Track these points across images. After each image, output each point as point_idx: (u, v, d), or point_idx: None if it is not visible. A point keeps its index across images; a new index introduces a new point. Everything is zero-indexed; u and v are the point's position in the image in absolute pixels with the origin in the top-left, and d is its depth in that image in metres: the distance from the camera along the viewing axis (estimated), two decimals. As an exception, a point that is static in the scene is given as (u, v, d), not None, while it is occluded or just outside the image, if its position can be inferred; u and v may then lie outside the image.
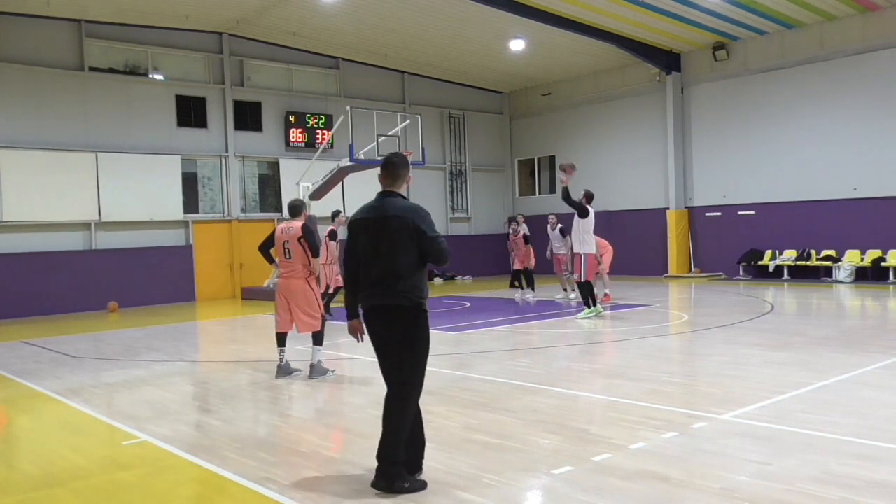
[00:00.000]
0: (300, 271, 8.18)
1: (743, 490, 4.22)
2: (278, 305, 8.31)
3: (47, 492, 4.79)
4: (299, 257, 8.14)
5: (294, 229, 8.12)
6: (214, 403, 7.49)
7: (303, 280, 8.19)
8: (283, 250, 8.20)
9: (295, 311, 8.20)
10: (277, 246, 8.27)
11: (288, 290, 8.20)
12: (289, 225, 8.21)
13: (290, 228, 8.15)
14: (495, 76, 25.26)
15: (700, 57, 21.60)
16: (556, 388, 7.18)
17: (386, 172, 4.69)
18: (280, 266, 8.31)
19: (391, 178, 4.69)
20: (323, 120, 22.28)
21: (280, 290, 8.28)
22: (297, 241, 8.09)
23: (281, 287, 8.27)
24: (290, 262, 8.18)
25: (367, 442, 5.56)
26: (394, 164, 4.70)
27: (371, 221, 4.54)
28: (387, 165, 4.70)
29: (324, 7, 18.65)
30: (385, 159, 4.77)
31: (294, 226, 8.16)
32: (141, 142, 19.30)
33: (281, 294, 8.27)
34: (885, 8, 17.80)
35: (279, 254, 8.29)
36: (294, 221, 8.23)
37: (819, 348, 8.78)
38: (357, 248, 4.60)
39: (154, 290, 19.17)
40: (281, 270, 8.30)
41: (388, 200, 4.60)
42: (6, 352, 11.45)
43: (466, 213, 26.22)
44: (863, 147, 18.40)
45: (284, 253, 8.19)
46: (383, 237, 4.47)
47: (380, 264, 4.48)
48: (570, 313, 13.36)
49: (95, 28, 18.72)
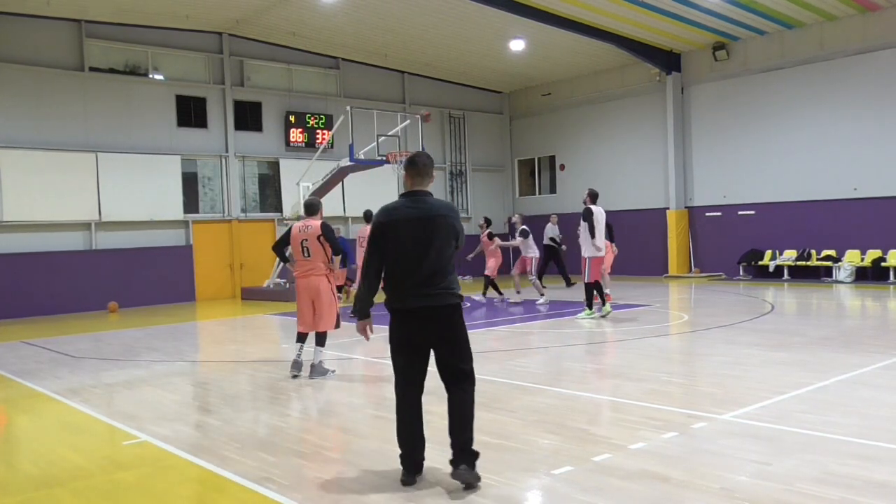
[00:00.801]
0: (321, 269, 8.15)
1: (743, 490, 4.22)
2: (302, 305, 8.22)
3: (47, 492, 4.79)
4: (319, 255, 8.12)
5: (313, 228, 8.10)
6: (214, 403, 7.49)
7: (325, 278, 8.17)
8: (302, 249, 8.14)
9: (319, 310, 8.15)
10: (295, 245, 8.19)
11: (311, 289, 8.14)
12: (306, 224, 8.16)
13: (309, 227, 8.12)
14: (495, 76, 25.25)
15: (700, 57, 21.60)
16: (556, 388, 7.18)
17: (415, 171, 4.71)
18: (299, 265, 8.22)
19: (421, 178, 4.71)
20: (323, 120, 22.29)
21: (301, 289, 8.20)
22: (317, 240, 8.07)
23: (302, 286, 8.19)
24: (310, 260, 8.13)
25: (367, 442, 5.56)
26: (423, 164, 4.73)
27: (416, 221, 4.52)
28: (415, 165, 4.72)
29: (324, 7, 18.65)
30: (409, 160, 4.78)
31: (313, 224, 8.13)
32: (141, 142, 19.30)
33: (304, 293, 8.18)
34: (886, 8, 17.80)
35: (297, 252, 8.19)
36: (311, 220, 8.19)
37: (819, 348, 8.78)
38: (388, 248, 4.55)
39: (154, 291, 19.16)
40: (300, 269, 8.22)
41: (428, 199, 4.64)
42: (6, 352, 11.45)
43: (466, 214, 26.21)
44: (863, 147, 18.40)
45: (303, 251, 8.14)
46: (433, 236, 4.50)
47: (429, 263, 4.48)
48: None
49: (95, 28, 18.72)
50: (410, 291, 4.50)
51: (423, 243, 4.49)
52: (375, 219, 4.67)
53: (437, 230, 4.51)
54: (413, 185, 4.71)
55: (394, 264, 4.55)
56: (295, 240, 8.19)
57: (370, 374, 8.67)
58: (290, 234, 8.30)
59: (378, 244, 4.59)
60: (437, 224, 4.52)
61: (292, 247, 8.24)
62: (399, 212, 4.58)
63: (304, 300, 8.17)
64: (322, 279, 8.14)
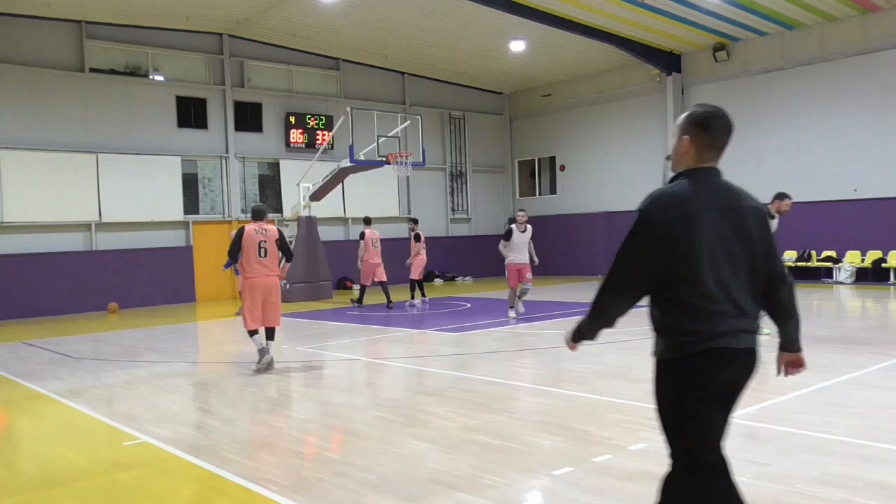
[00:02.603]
0: (274, 270, 8.83)
1: (743, 491, 4.22)
2: (255, 303, 8.72)
3: (47, 492, 4.79)
4: (274, 257, 8.79)
5: (271, 231, 8.82)
6: (214, 404, 7.49)
7: (277, 278, 8.88)
8: (259, 250, 8.72)
9: (273, 306, 8.79)
10: (252, 246, 8.70)
11: (265, 288, 8.74)
12: (263, 227, 8.82)
13: (267, 231, 8.80)
14: (495, 77, 25.26)
15: (700, 58, 21.60)
16: (556, 388, 7.18)
17: (712, 138, 2.95)
18: (253, 266, 8.70)
19: (717, 149, 2.98)
20: (323, 121, 22.29)
21: (256, 288, 8.72)
22: (274, 243, 8.76)
23: (257, 285, 8.71)
24: (266, 262, 8.74)
25: (367, 443, 5.56)
26: (725, 126, 3.01)
27: (721, 216, 2.84)
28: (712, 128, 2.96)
29: (324, 8, 18.66)
30: (699, 119, 2.98)
31: (270, 228, 8.86)
32: (141, 143, 19.31)
33: (258, 292, 8.72)
34: (886, 9, 17.81)
35: (254, 254, 8.70)
36: (266, 224, 8.90)
37: (820, 349, 8.77)
38: (661, 260, 2.79)
39: (154, 291, 19.18)
40: (255, 271, 8.71)
41: (729, 184, 2.99)
42: (7, 353, 11.45)
43: (467, 214, 26.22)
44: (863, 148, 18.40)
45: (260, 252, 8.71)
46: (748, 240, 2.87)
47: (744, 282, 2.85)
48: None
49: (96, 29, 18.73)
50: (720, 323, 2.78)
51: (734, 250, 2.83)
52: (652, 211, 2.87)
53: (750, 231, 2.89)
54: (704, 160, 2.96)
55: (689, 281, 2.77)
56: (252, 241, 8.71)
57: (370, 375, 8.67)
58: (241, 238, 8.76)
59: (638, 254, 2.86)
60: (748, 223, 2.89)
61: (248, 248, 8.71)
62: (685, 203, 2.82)
63: (258, 298, 8.73)
64: (276, 279, 8.83)
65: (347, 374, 8.82)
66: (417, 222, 17.19)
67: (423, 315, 14.51)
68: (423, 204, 24.98)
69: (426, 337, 11.55)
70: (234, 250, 8.84)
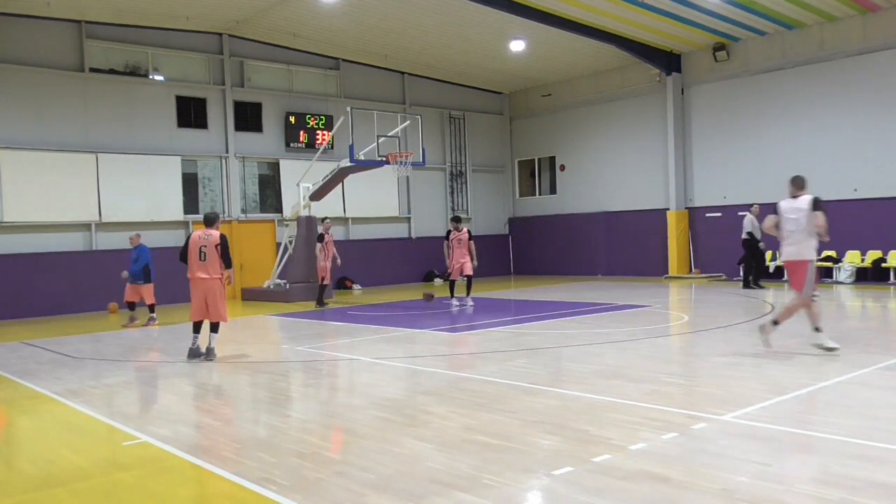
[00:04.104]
0: (215, 271, 9.49)
1: (743, 491, 4.22)
2: (196, 300, 9.55)
3: (47, 492, 4.78)
4: (214, 260, 9.45)
5: (213, 237, 9.50)
6: (214, 404, 7.50)
7: (218, 280, 9.54)
8: (200, 254, 9.45)
9: (213, 304, 9.52)
10: (194, 250, 9.49)
11: (205, 288, 9.49)
12: (207, 233, 9.56)
13: (209, 236, 9.51)
14: (495, 77, 25.26)
15: (700, 57, 21.60)
16: (556, 388, 7.18)
17: None
18: (194, 268, 9.48)
19: None
20: (323, 121, 22.29)
21: (196, 287, 9.53)
22: (214, 248, 9.44)
23: (197, 285, 9.51)
24: (205, 265, 9.46)
25: (367, 443, 5.56)
26: None
27: None
28: None
29: (324, 7, 18.66)
30: None
31: (213, 234, 9.55)
32: (141, 142, 19.31)
33: (198, 291, 9.52)
34: (886, 8, 17.81)
35: (195, 257, 9.47)
36: (211, 230, 9.59)
37: (820, 349, 8.76)
38: None
39: (154, 291, 19.12)
40: (196, 272, 9.46)
41: None
42: (7, 352, 11.45)
43: (467, 214, 26.21)
44: (863, 148, 18.40)
45: (200, 256, 9.45)
46: None
47: None
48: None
49: (96, 29, 18.73)
50: None
51: None
52: None
53: None
54: None
55: None
56: (195, 245, 9.50)
57: (370, 375, 8.67)
58: (187, 242, 9.62)
59: None
60: None
61: (191, 252, 9.51)
62: None
63: (199, 296, 9.52)
64: (215, 281, 9.50)
65: (347, 374, 8.82)
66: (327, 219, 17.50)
67: (424, 315, 14.50)
68: (423, 204, 24.98)
69: (426, 337, 11.55)
70: (182, 253, 9.65)
